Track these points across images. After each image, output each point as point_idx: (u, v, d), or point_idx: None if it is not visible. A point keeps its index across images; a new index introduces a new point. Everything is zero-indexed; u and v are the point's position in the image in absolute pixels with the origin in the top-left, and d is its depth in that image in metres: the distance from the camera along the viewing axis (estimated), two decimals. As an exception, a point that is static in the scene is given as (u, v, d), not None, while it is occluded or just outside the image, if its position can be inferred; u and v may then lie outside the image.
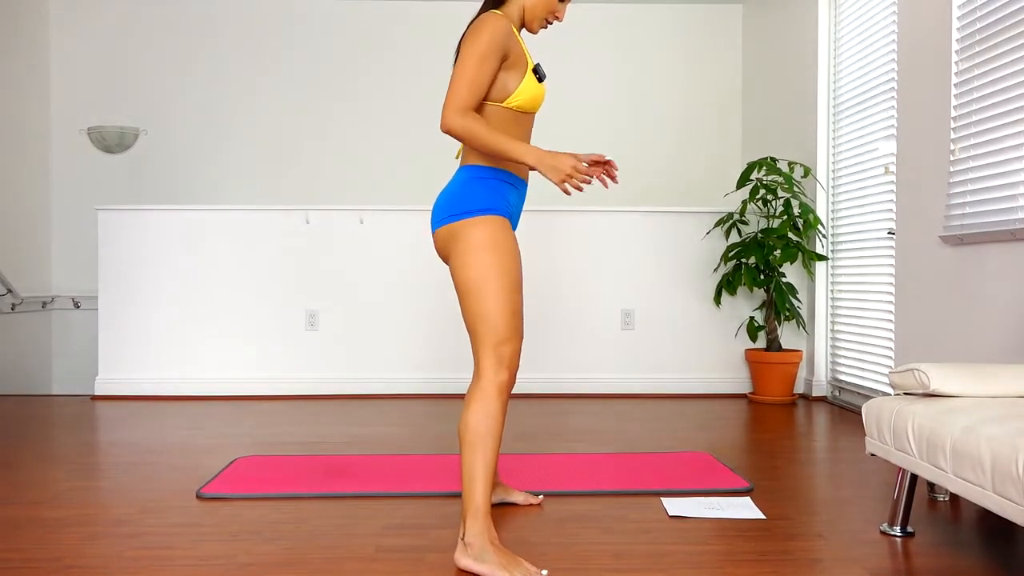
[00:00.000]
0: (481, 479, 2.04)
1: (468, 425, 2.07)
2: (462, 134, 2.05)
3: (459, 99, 2.05)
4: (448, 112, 2.05)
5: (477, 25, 2.12)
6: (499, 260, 2.11)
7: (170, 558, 2.11)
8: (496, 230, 2.13)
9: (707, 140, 6.18)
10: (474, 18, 2.22)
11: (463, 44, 2.11)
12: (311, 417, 4.19)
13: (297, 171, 6.06)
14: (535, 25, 2.30)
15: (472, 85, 2.06)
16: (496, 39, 2.09)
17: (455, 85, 2.06)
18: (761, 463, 3.16)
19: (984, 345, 3.16)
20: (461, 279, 2.13)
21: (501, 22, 2.11)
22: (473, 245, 2.11)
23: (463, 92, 2.06)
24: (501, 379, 2.08)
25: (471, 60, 2.07)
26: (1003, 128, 3.05)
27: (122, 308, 4.88)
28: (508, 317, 2.09)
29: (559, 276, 4.96)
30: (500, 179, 2.19)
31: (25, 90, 5.73)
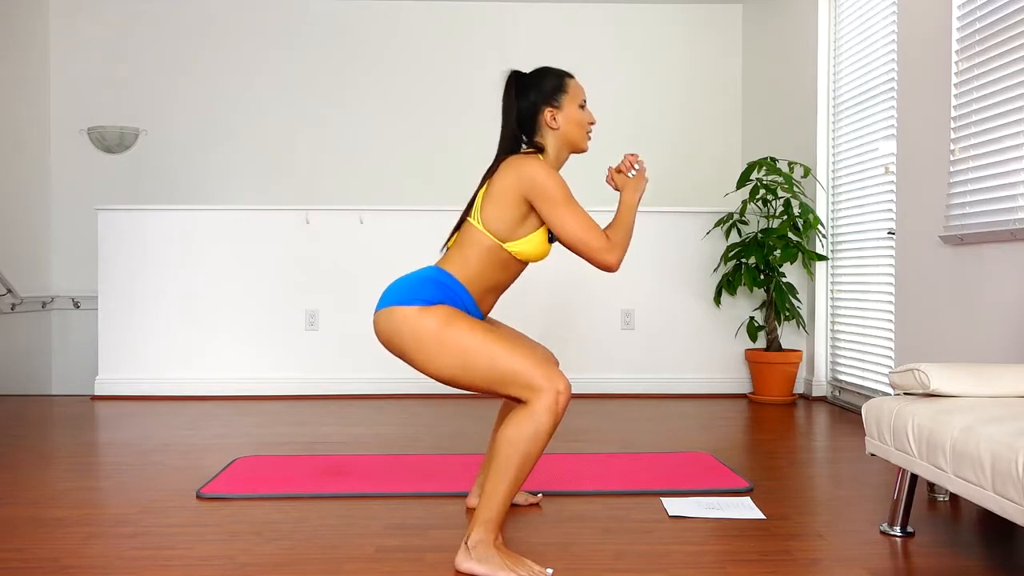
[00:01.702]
0: (506, 496, 1.99)
1: (508, 440, 1.97)
2: (624, 254, 2.18)
3: (600, 242, 2.13)
4: (607, 259, 2.15)
5: (533, 171, 2.13)
6: (464, 326, 2.06)
7: (170, 558, 2.11)
8: (446, 311, 2.09)
9: (707, 140, 6.18)
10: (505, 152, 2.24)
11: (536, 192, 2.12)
12: (311, 417, 4.19)
13: (297, 171, 6.06)
14: (583, 144, 2.30)
15: (592, 226, 2.14)
16: (563, 181, 2.16)
17: (584, 234, 2.13)
18: (761, 463, 3.16)
19: (984, 345, 3.16)
20: (444, 368, 2.06)
21: (553, 169, 2.17)
22: (430, 333, 2.06)
23: (594, 235, 2.13)
24: (551, 397, 1.97)
25: (571, 204, 2.13)
26: (1003, 128, 3.05)
27: (122, 308, 4.88)
28: (520, 353, 2.03)
29: (559, 276, 4.96)
30: (461, 296, 2.15)
31: (25, 90, 5.73)
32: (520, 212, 2.15)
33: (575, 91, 2.28)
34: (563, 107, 2.25)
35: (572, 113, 2.26)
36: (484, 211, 2.17)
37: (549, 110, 2.25)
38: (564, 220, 2.12)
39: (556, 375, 2.00)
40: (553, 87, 2.26)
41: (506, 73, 2.32)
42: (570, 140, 2.28)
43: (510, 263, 2.21)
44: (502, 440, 1.98)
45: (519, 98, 2.27)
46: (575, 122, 2.26)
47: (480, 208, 2.18)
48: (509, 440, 1.98)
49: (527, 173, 2.12)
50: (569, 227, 2.12)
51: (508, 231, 2.16)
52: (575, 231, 2.12)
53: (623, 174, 2.35)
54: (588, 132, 2.30)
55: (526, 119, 2.27)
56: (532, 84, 2.27)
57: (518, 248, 2.18)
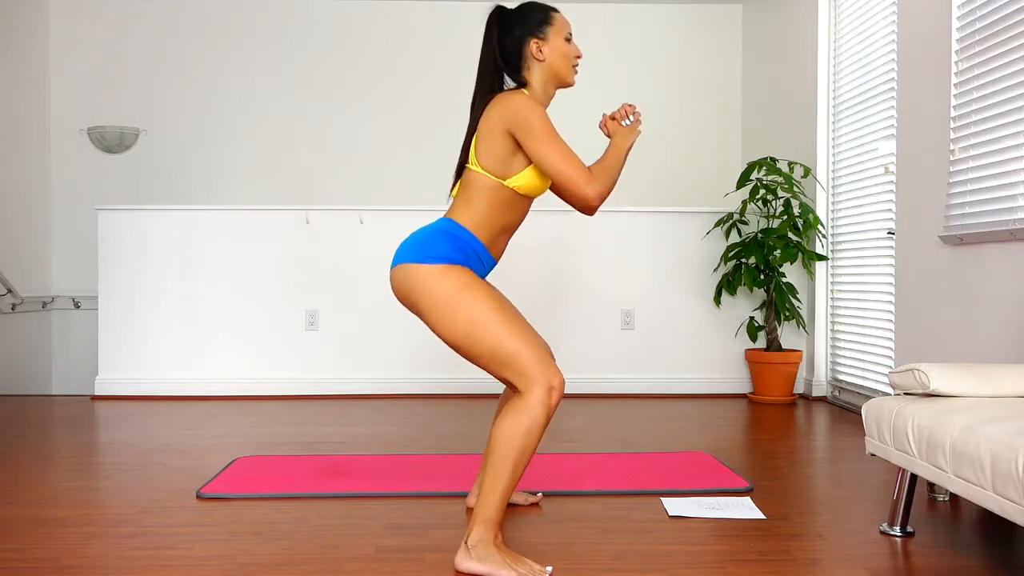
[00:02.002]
0: (501, 493, 2.00)
1: (503, 435, 1.99)
2: (607, 189, 2.13)
3: (581, 174, 2.10)
4: (587, 190, 2.10)
5: (516, 105, 2.12)
6: (478, 297, 2.08)
7: (170, 558, 2.11)
8: (462, 276, 2.11)
9: (707, 140, 6.18)
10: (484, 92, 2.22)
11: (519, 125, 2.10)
12: (311, 417, 4.19)
13: (297, 171, 6.06)
14: (570, 77, 2.28)
15: (573, 157, 2.11)
16: (546, 115, 2.13)
17: (564, 165, 2.09)
18: (761, 463, 3.16)
19: (984, 345, 3.16)
20: (451, 333, 2.09)
21: (537, 103, 2.14)
22: (444, 295, 2.08)
23: (575, 167, 2.10)
24: (545, 391, 1.99)
25: (552, 136, 2.10)
26: (1003, 128, 3.05)
27: (122, 308, 4.88)
28: (523, 337, 2.05)
29: (559, 276, 4.96)
30: (473, 246, 2.17)
31: (25, 90, 5.73)
32: (509, 146, 2.15)
33: (560, 24, 2.27)
34: (549, 39, 2.25)
35: (558, 45, 2.25)
36: (478, 152, 2.17)
37: (535, 41, 2.24)
38: (545, 152, 2.10)
39: (553, 369, 2.02)
40: (539, 19, 2.25)
41: (488, 9, 2.31)
42: (556, 72, 2.27)
43: (515, 200, 2.22)
44: (497, 437, 2.00)
45: (503, 33, 2.26)
46: (561, 54, 2.25)
47: (475, 150, 2.18)
48: (503, 438, 1.99)
49: (510, 107, 2.12)
50: (550, 159, 2.10)
51: (503, 168, 2.16)
52: (555, 162, 2.10)
53: (617, 121, 2.35)
54: (574, 65, 2.29)
55: (511, 53, 2.25)
56: (517, 18, 2.26)
57: (518, 183, 2.18)
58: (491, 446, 2.01)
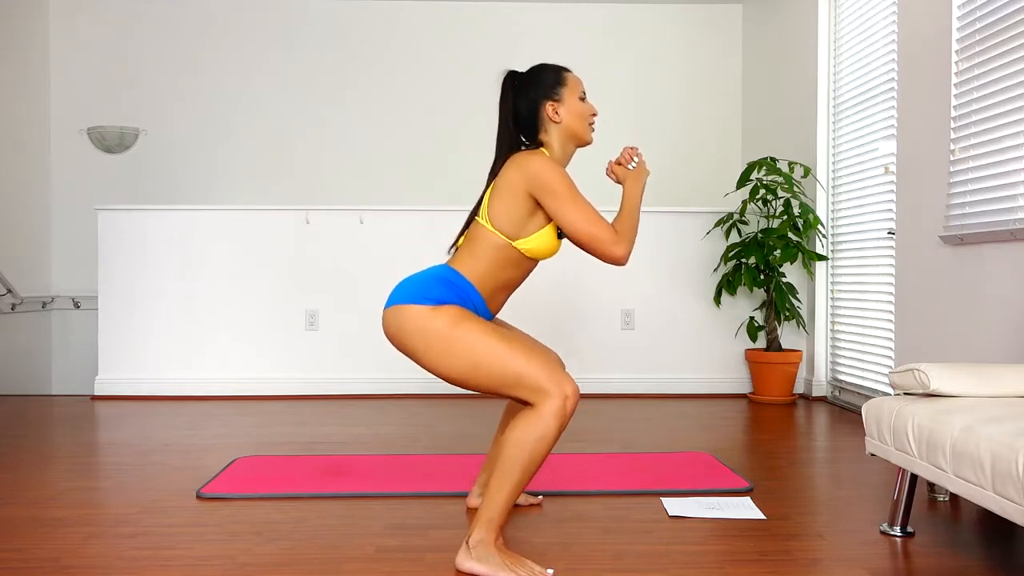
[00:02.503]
0: (506, 497, 1.99)
1: (515, 441, 1.97)
2: (632, 246, 2.15)
3: (607, 234, 2.11)
4: (615, 251, 2.11)
5: (537, 166, 2.11)
6: (473, 327, 2.06)
7: (170, 558, 2.11)
8: (455, 311, 2.09)
9: (707, 140, 6.18)
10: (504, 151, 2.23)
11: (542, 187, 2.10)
12: (311, 417, 4.19)
13: (297, 171, 6.06)
14: (588, 135, 2.28)
15: (598, 218, 2.12)
16: (567, 175, 2.13)
17: (589, 226, 2.10)
18: (761, 463, 3.16)
19: (984, 345, 3.16)
20: (453, 369, 2.06)
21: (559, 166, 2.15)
22: (439, 333, 2.06)
23: (600, 228, 2.10)
24: (559, 402, 1.97)
25: (576, 197, 2.11)
26: (1003, 128, 3.05)
27: (122, 308, 4.88)
28: (529, 356, 2.02)
29: (559, 276, 4.96)
30: (471, 296, 2.15)
31: (25, 90, 5.73)
32: (527, 209, 2.14)
33: (574, 83, 2.27)
34: (563, 100, 2.25)
35: (573, 105, 2.25)
36: (492, 210, 2.16)
37: (550, 104, 2.24)
38: (570, 214, 2.10)
39: (564, 379, 2.00)
40: (552, 81, 2.25)
41: (502, 74, 2.31)
42: (574, 132, 2.27)
43: (521, 261, 2.21)
44: (508, 442, 1.98)
45: (518, 97, 2.26)
46: (577, 114, 2.25)
47: (487, 207, 2.17)
48: (515, 442, 1.97)
49: (531, 169, 2.12)
50: (575, 221, 2.10)
51: (516, 229, 2.15)
52: (582, 225, 2.10)
53: (623, 167, 2.35)
54: (591, 123, 2.29)
55: (527, 117, 2.26)
56: (530, 81, 2.26)
57: (528, 245, 2.17)
58: (501, 450, 1.99)
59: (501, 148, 2.26)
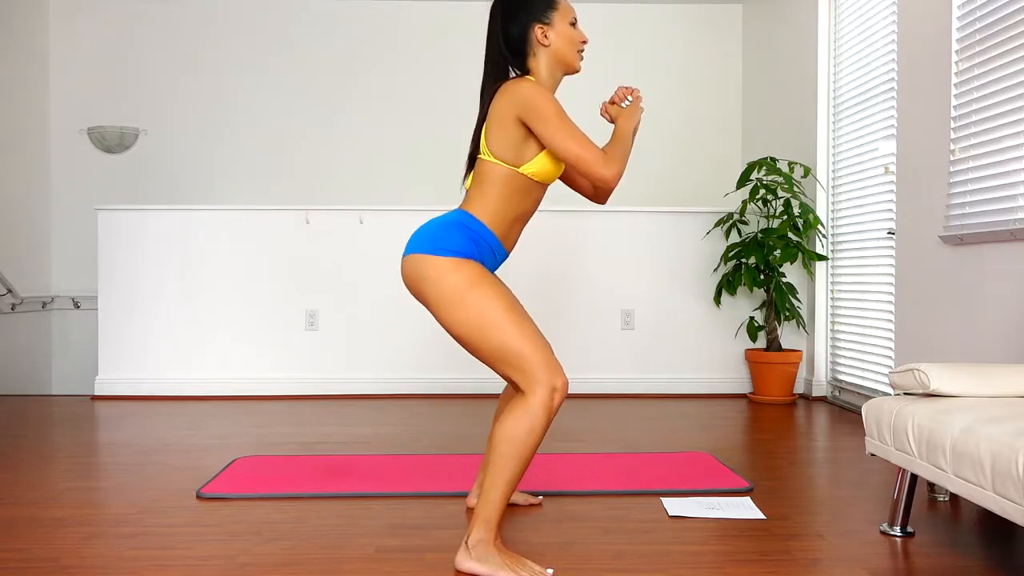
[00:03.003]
0: (501, 493, 1.99)
1: (504, 435, 1.99)
2: (622, 169, 2.12)
3: (595, 154, 2.09)
4: (603, 171, 2.08)
5: (524, 92, 2.10)
6: (488, 294, 2.08)
7: (170, 558, 2.11)
8: (473, 272, 2.10)
9: (707, 140, 6.18)
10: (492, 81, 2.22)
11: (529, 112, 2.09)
12: (311, 417, 4.19)
13: (297, 171, 6.06)
14: (576, 62, 2.27)
15: (585, 138, 2.09)
16: (555, 99, 2.11)
17: (577, 147, 2.07)
18: (761, 463, 3.16)
19: (984, 345, 3.16)
20: (460, 329, 2.09)
21: (544, 88, 2.13)
22: (455, 291, 2.08)
23: (588, 148, 2.09)
24: (547, 393, 1.99)
25: (563, 120, 2.09)
26: (1003, 128, 3.05)
27: (122, 308, 4.88)
28: (530, 338, 2.05)
29: (559, 276, 4.96)
30: (486, 239, 2.16)
31: (25, 90, 5.73)
32: (520, 134, 2.14)
33: (565, 8, 2.26)
34: (554, 24, 2.24)
35: (563, 29, 2.24)
36: (489, 141, 2.17)
37: (540, 27, 2.23)
38: (557, 137, 2.09)
39: (557, 371, 2.02)
40: (543, 5, 2.24)
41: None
42: (562, 57, 2.25)
43: (530, 187, 2.21)
44: (498, 437, 2.00)
45: (508, 21, 2.25)
46: (566, 38, 2.24)
47: (486, 140, 2.18)
48: (504, 437, 1.99)
49: (519, 95, 2.12)
50: (564, 143, 2.09)
51: (516, 155, 2.16)
52: (570, 146, 2.09)
53: (617, 105, 2.35)
54: (580, 50, 2.28)
55: (516, 40, 2.25)
56: (521, 4, 2.25)
57: (532, 169, 2.17)
58: (492, 446, 2.01)
59: (489, 75, 2.26)
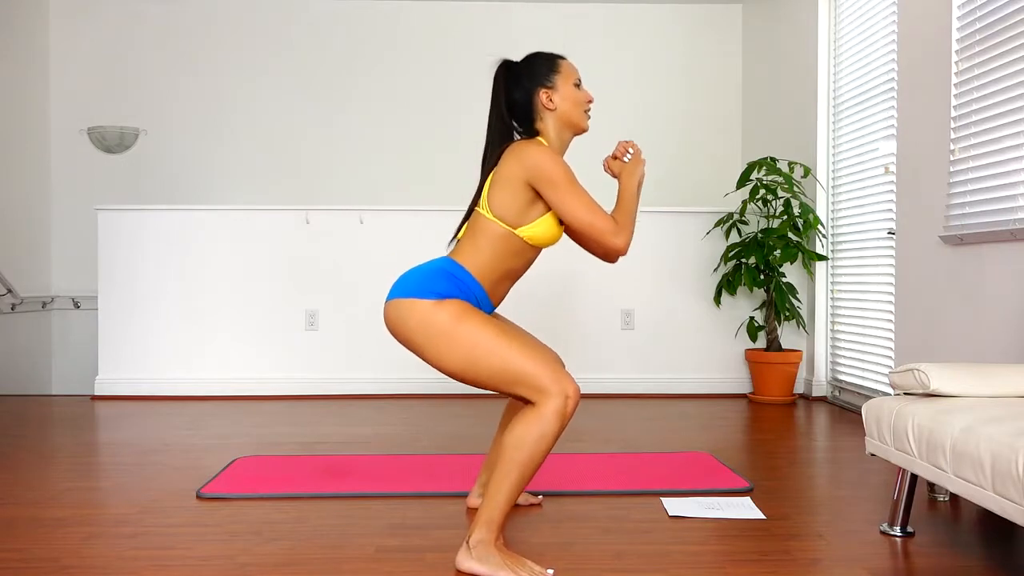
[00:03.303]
0: (506, 496, 1.98)
1: (516, 439, 1.97)
2: (631, 236, 2.14)
3: (606, 224, 2.10)
4: (615, 241, 2.10)
5: (536, 156, 2.10)
6: (477, 322, 2.06)
7: (170, 558, 2.11)
8: (458, 306, 2.08)
9: (707, 140, 6.18)
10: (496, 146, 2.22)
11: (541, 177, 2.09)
12: (311, 417, 4.19)
13: (297, 171, 6.06)
14: (584, 122, 2.27)
15: (597, 208, 2.11)
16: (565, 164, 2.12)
17: (589, 216, 2.09)
18: (761, 463, 3.16)
19: (984, 345, 3.16)
20: (452, 363, 2.06)
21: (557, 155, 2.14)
22: (441, 328, 2.05)
23: (599, 217, 2.09)
24: (560, 401, 1.96)
25: (575, 187, 2.10)
26: (1003, 128, 3.05)
27: (122, 308, 4.88)
28: (529, 353, 2.02)
29: (559, 276, 4.96)
30: (472, 289, 2.14)
31: (25, 90, 5.73)
32: (527, 197, 2.14)
33: (568, 71, 2.26)
34: (558, 87, 2.24)
35: (568, 92, 2.24)
36: (491, 199, 2.16)
37: (544, 91, 2.23)
38: (569, 204, 2.10)
39: (565, 379, 2.00)
40: (546, 69, 2.25)
41: (495, 63, 2.30)
42: (569, 120, 2.26)
43: (523, 249, 2.20)
44: (508, 441, 1.98)
45: (512, 87, 2.25)
46: (572, 100, 2.24)
47: (487, 197, 2.17)
48: (515, 442, 1.97)
49: (530, 159, 2.11)
50: (575, 211, 2.10)
51: (517, 217, 2.15)
52: (581, 214, 2.10)
53: (619, 160, 2.35)
54: (587, 110, 2.27)
55: (522, 106, 2.25)
56: (524, 70, 2.26)
57: (529, 233, 2.17)
58: (501, 450, 1.99)
59: (493, 137, 2.25)
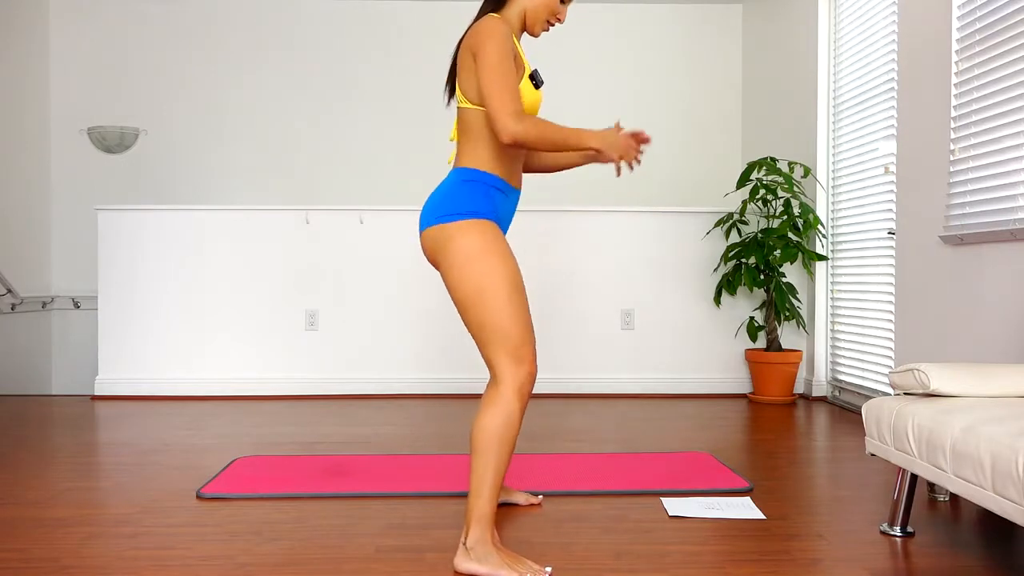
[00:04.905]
0: (490, 486, 2.00)
1: (483, 429, 2.01)
2: (529, 137, 1.98)
3: (509, 104, 1.99)
4: (507, 121, 1.97)
5: (480, 29, 2.06)
6: (495, 265, 2.06)
7: (170, 558, 2.11)
8: (486, 235, 2.08)
9: (707, 140, 6.18)
10: (473, 21, 2.18)
11: (476, 50, 2.04)
12: (311, 417, 4.19)
13: (297, 171, 6.06)
14: (537, 28, 2.22)
15: (512, 88, 2.00)
16: (506, 41, 2.03)
17: (497, 92, 1.99)
18: (761, 463, 3.16)
19: (984, 345, 3.16)
20: (460, 291, 2.08)
21: (503, 26, 2.06)
22: (465, 254, 2.06)
23: (507, 97, 1.99)
24: (520, 380, 2.02)
25: (498, 65, 2.00)
26: (1003, 128, 3.05)
27: (122, 308, 4.88)
28: (518, 320, 2.05)
29: (559, 276, 4.96)
30: (491, 184, 2.14)
31: (25, 90, 5.73)
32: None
33: None
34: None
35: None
36: (463, 87, 2.14)
37: None
38: (485, 77, 2.02)
39: (529, 358, 2.05)
40: None
41: None
42: (526, 16, 2.19)
43: None
44: (476, 433, 2.01)
45: None
46: (543, 4, 2.18)
47: (460, 86, 2.15)
48: (483, 431, 2.01)
49: (477, 33, 2.07)
50: (487, 84, 2.01)
51: None
52: (492, 87, 2.00)
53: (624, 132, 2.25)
54: (550, 23, 2.22)
55: None
56: None
57: None
58: (473, 442, 2.02)
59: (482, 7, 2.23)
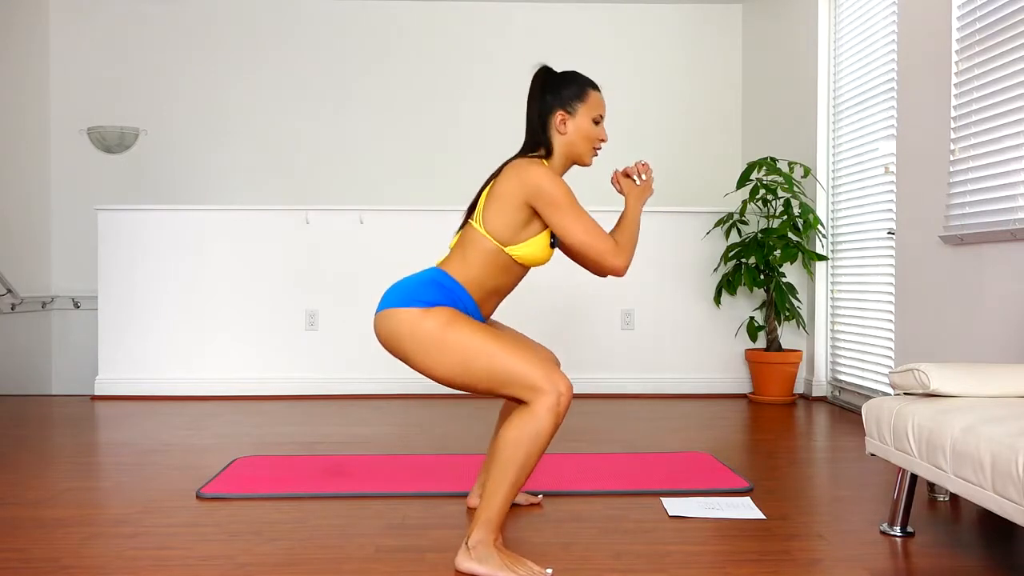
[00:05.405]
0: (507, 496, 1.99)
1: (510, 440, 1.96)
2: (630, 258, 2.18)
3: (604, 244, 2.12)
4: (614, 263, 2.13)
5: (538, 180, 2.09)
6: (467, 328, 2.05)
7: (169, 558, 2.11)
8: (447, 312, 2.08)
9: (707, 140, 6.18)
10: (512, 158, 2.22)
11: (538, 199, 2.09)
12: (311, 417, 4.19)
13: (297, 171, 6.06)
14: (587, 159, 2.26)
15: (598, 229, 2.13)
16: (565, 185, 2.12)
17: (591, 240, 2.11)
18: (761, 463, 3.16)
19: (984, 345, 3.16)
20: (444, 366, 2.06)
21: (554, 173, 2.14)
22: (431, 335, 2.05)
23: (600, 238, 2.11)
24: (552, 399, 1.96)
25: (575, 208, 2.10)
26: (1003, 128, 3.05)
27: (122, 308, 4.88)
28: (518, 351, 2.02)
29: (559, 276, 4.96)
30: (462, 299, 2.14)
31: (25, 90, 5.72)
32: (522, 217, 2.13)
33: (593, 103, 2.24)
34: (576, 116, 2.22)
35: (584, 124, 2.22)
36: (486, 214, 2.15)
37: (561, 114, 2.22)
38: (570, 226, 2.10)
39: (558, 376, 1.99)
40: (572, 93, 2.23)
41: (536, 67, 2.28)
42: (574, 150, 2.24)
43: (511, 267, 2.20)
44: (503, 441, 1.98)
45: (540, 94, 2.24)
46: (583, 134, 2.23)
47: (482, 211, 2.16)
48: (510, 441, 1.97)
49: (531, 179, 2.10)
50: (576, 233, 2.10)
51: (510, 235, 2.14)
52: (583, 236, 2.10)
53: (630, 178, 2.34)
54: (596, 148, 2.26)
55: (540, 118, 2.24)
56: (554, 85, 2.24)
57: (520, 252, 2.16)
58: (497, 450, 1.99)
59: (525, 143, 2.26)
